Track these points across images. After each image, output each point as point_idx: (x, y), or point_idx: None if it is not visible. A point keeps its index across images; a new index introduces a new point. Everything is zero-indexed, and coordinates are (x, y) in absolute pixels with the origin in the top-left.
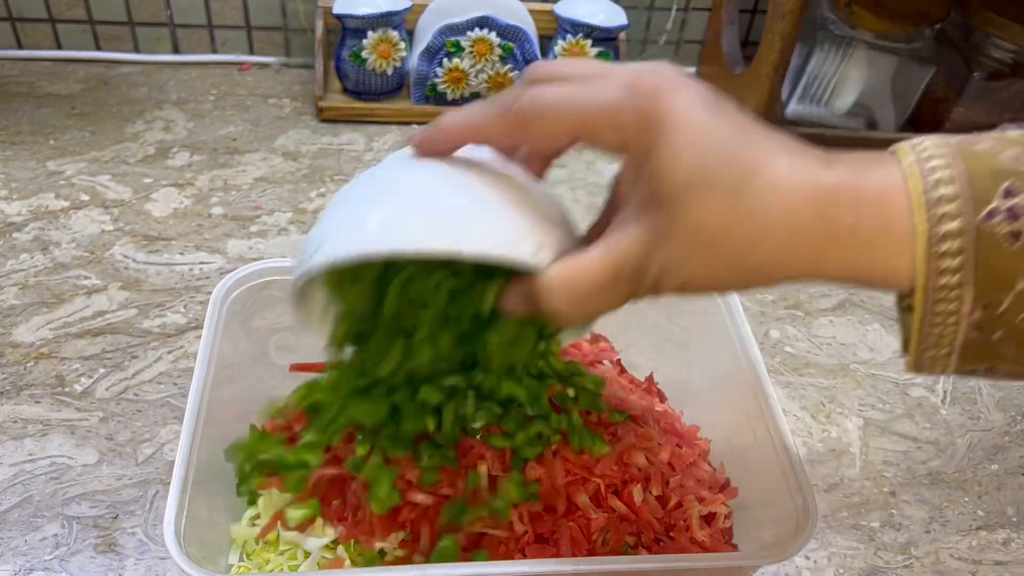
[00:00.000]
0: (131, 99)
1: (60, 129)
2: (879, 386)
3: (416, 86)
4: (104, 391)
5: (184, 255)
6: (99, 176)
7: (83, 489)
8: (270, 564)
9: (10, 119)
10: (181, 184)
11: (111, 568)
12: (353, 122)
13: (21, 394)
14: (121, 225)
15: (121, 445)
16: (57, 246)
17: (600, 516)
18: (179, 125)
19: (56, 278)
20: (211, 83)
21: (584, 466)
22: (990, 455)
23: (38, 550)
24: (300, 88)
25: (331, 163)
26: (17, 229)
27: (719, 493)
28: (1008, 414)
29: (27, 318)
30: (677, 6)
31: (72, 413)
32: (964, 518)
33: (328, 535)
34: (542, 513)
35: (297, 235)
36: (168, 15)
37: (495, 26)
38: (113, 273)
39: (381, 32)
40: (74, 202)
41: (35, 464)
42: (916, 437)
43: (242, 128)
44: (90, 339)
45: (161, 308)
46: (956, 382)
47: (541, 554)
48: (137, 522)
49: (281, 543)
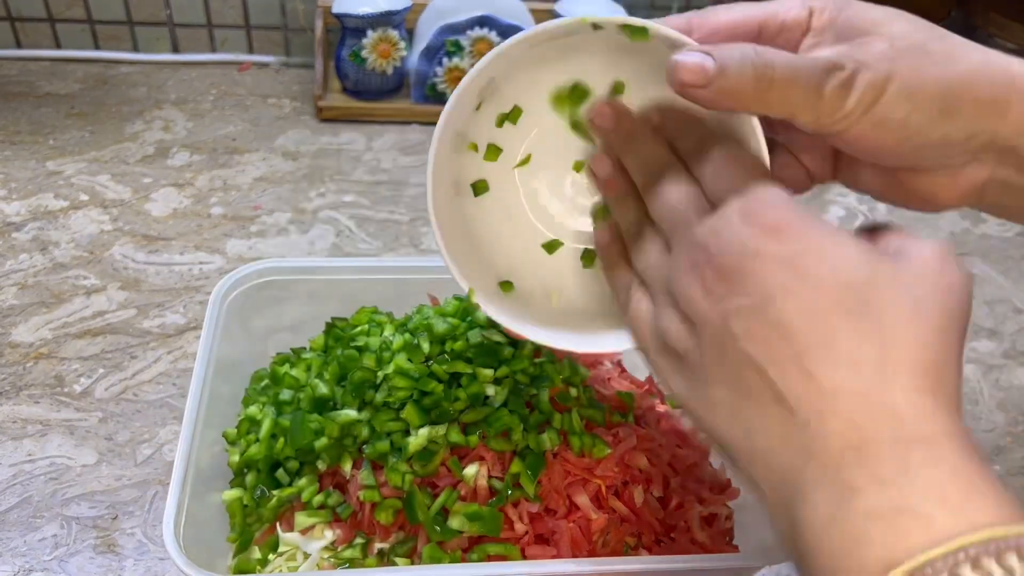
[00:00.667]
0: (130, 99)
1: (59, 129)
2: None
3: (416, 86)
4: (103, 391)
5: (184, 255)
6: (98, 176)
7: (82, 489)
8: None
9: (9, 119)
10: (181, 184)
11: (110, 569)
12: (353, 122)
13: (20, 394)
14: (120, 225)
15: (120, 445)
16: (56, 246)
17: (601, 517)
18: (178, 125)
19: (55, 278)
20: (210, 83)
21: (585, 467)
22: (992, 456)
23: (37, 551)
24: (300, 88)
25: (331, 163)
26: (16, 229)
27: (720, 494)
28: (1010, 415)
29: (26, 318)
30: (677, 5)
31: (71, 413)
32: None
33: (328, 537)
34: (542, 513)
35: (297, 235)
36: (167, 14)
37: (495, 25)
38: (112, 273)
39: (381, 31)
40: (73, 202)
41: (34, 464)
42: None
43: (241, 128)
44: (89, 339)
45: (160, 308)
46: None
47: (541, 554)
48: (136, 522)
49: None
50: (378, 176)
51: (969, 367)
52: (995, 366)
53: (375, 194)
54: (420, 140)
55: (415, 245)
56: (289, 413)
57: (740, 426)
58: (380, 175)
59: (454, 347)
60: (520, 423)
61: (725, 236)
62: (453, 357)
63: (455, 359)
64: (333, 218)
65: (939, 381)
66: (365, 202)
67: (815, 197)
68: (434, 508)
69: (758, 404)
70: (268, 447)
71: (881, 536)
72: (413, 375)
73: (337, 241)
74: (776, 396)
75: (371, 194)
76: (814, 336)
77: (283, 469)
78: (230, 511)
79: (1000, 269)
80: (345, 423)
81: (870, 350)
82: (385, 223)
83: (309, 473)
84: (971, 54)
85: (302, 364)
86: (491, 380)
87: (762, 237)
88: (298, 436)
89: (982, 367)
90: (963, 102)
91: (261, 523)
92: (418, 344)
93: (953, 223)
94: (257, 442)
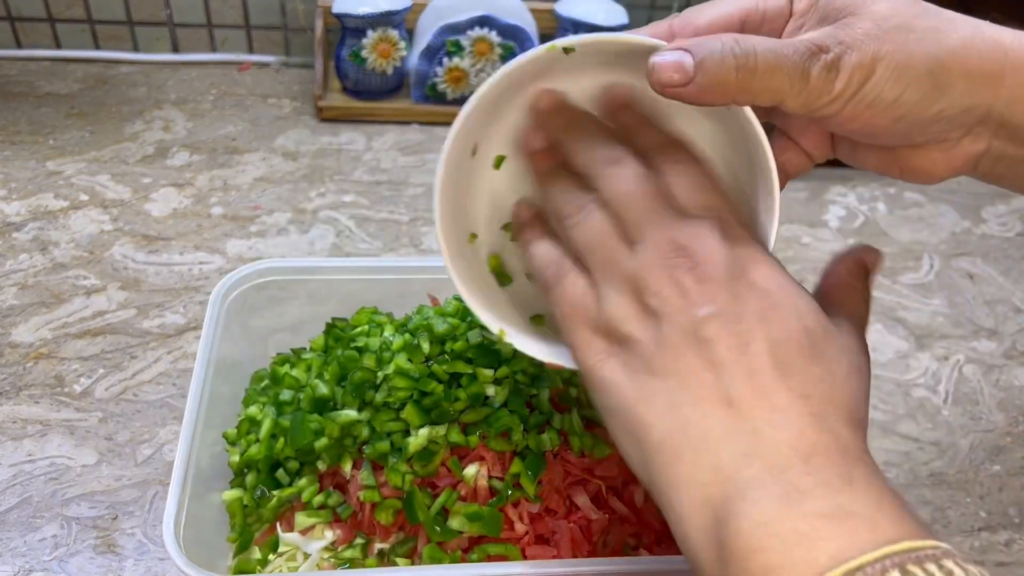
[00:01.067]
0: (130, 99)
1: (59, 129)
2: (881, 387)
3: (416, 86)
4: (103, 391)
5: (183, 255)
6: (98, 176)
7: (82, 490)
8: (270, 565)
9: (9, 119)
10: (180, 184)
11: (110, 569)
12: (353, 122)
13: (20, 394)
14: (120, 225)
15: (120, 445)
16: (56, 246)
17: (601, 517)
18: (178, 125)
19: (55, 278)
20: (210, 83)
21: (585, 467)
22: (992, 456)
23: (37, 551)
24: (300, 88)
25: (331, 163)
26: (16, 229)
27: None
28: (1010, 415)
29: (26, 318)
30: (678, 5)
31: (71, 413)
32: (966, 519)
33: (328, 537)
34: (542, 514)
35: (297, 235)
36: (167, 14)
37: (495, 25)
38: (112, 273)
39: (381, 31)
40: (73, 202)
41: (34, 465)
42: (918, 438)
43: (241, 128)
44: (89, 339)
45: (160, 308)
46: (958, 383)
47: (541, 555)
48: (136, 523)
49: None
50: (378, 176)
51: (969, 367)
52: (995, 366)
53: (375, 194)
54: (420, 140)
55: (415, 245)
56: (289, 413)
57: (678, 419)
58: (380, 175)
59: (454, 347)
60: (520, 423)
61: (708, 248)
62: (453, 357)
63: (455, 359)
64: (333, 218)
65: (864, 433)
66: (365, 202)
67: (815, 197)
68: (434, 508)
69: (706, 402)
70: (268, 447)
71: (830, 534)
72: (413, 375)
73: (337, 241)
74: (726, 399)
75: (371, 194)
76: (774, 362)
77: (283, 469)
78: (230, 511)
79: (1000, 269)
80: (345, 423)
81: (820, 388)
82: (385, 223)
83: (309, 473)
84: (960, 28)
85: (302, 364)
86: (491, 380)
87: (742, 261)
88: (298, 436)
89: (982, 367)
90: (954, 77)
91: (261, 523)
92: (418, 344)
93: (953, 223)
94: (257, 442)
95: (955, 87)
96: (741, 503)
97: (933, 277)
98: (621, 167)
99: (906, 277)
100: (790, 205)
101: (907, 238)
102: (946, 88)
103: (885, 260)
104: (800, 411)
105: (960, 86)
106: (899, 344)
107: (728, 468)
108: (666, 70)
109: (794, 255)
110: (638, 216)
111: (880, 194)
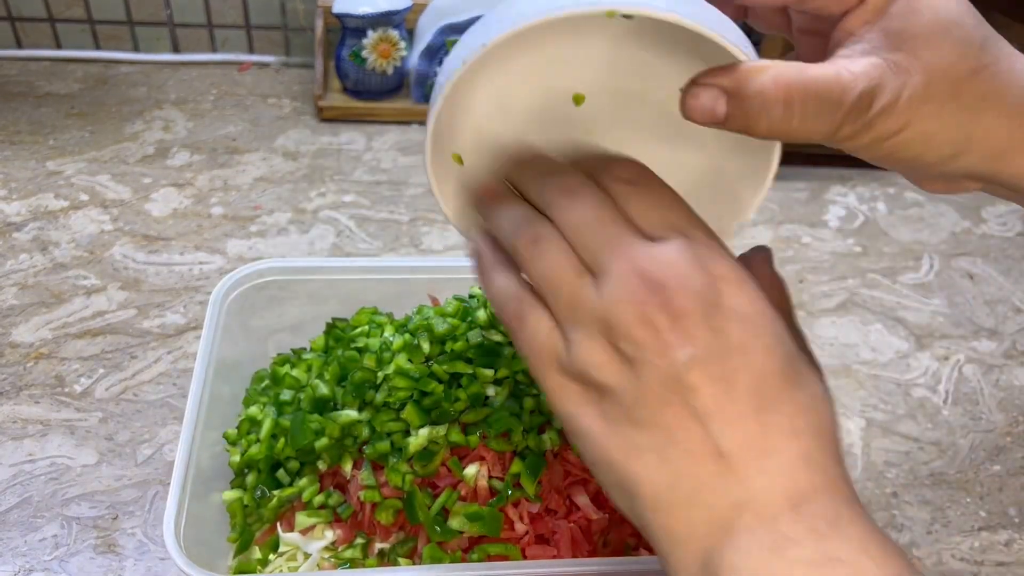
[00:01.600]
0: (130, 99)
1: (59, 129)
2: (881, 386)
3: (416, 85)
4: (104, 391)
5: (184, 255)
6: (98, 176)
7: (83, 490)
8: (270, 565)
9: (9, 119)
10: (181, 184)
11: (111, 569)
12: (353, 122)
13: (21, 394)
14: (120, 225)
15: (121, 445)
16: (56, 246)
17: (601, 517)
18: (178, 125)
19: (55, 278)
20: (210, 83)
21: (585, 467)
22: (992, 456)
23: (38, 551)
24: (300, 88)
25: (331, 163)
26: (16, 229)
27: None
28: (1010, 415)
29: (26, 318)
30: None
31: (72, 413)
32: (966, 519)
33: (328, 537)
34: (542, 513)
35: (297, 235)
36: (167, 14)
37: None
38: (112, 273)
39: (381, 31)
40: (73, 202)
41: (35, 464)
42: (918, 438)
43: (242, 128)
44: (89, 339)
45: (160, 308)
46: (958, 383)
47: (541, 554)
48: (137, 523)
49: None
50: (378, 176)
51: (969, 367)
52: (995, 366)
53: (375, 194)
54: (420, 140)
55: (415, 245)
56: (290, 413)
57: (668, 474)
58: (380, 175)
59: (454, 347)
60: (520, 423)
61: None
62: (453, 357)
63: (455, 359)
64: (333, 218)
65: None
66: (365, 202)
67: (815, 197)
68: (434, 508)
69: (695, 455)
70: (269, 447)
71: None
72: (413, 375)
73: (337, 241)
74: (716, 451)
75: (371, 194)
76: (761, 402)
77: (283, 469)
78: (230, 511)
79: (1000, 269)
80: (345, 423)
81: (808, 419)
82: (385, 223)
83: (309, 473)
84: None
85: (302, 364)
86: (491, 380)
87: (717, 285)
88: (298, 436)
89: (982, 367)
90: (973, 153)
91: (261, 523)
92: (418, 344)
93: (953, 223)
94: (258, 442)
95: (970, 158)
96: (733, 554)
97: (933, 277)
98: (576, 195)
99: (906, 277)
100: (790, 205)
101: (907, 238)
102: (961, 158)
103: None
104: (792, 455)
105: (975, 158)
106: (899, 344)
107: (721, 520)
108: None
109: (794, 255)
110: (598, 246)
111: (880, 194)
